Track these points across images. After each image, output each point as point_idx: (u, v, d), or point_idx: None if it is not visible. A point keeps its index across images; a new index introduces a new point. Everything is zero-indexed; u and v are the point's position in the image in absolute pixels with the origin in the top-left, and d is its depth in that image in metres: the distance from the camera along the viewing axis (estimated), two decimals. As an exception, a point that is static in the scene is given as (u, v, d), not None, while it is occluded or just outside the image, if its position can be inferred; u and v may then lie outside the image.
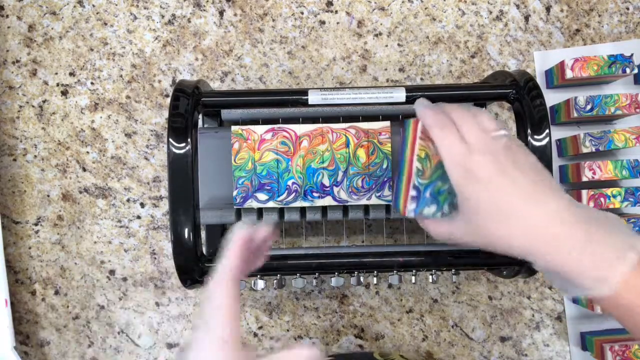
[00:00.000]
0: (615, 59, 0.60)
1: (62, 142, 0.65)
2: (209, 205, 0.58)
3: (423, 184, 0.44)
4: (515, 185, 0.39)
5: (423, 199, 0.44)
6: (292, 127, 0.53)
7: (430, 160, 0.44)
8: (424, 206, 0.44)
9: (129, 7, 0.66)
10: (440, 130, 0.42)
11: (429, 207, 0.44)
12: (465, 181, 0.40)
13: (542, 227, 0.38)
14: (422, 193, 0.44)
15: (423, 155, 0.44)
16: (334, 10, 0.66)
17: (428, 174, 0.44)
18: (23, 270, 0.65)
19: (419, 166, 0.44)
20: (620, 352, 0.60)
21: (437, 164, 0.44)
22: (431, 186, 0.44)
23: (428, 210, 0.44)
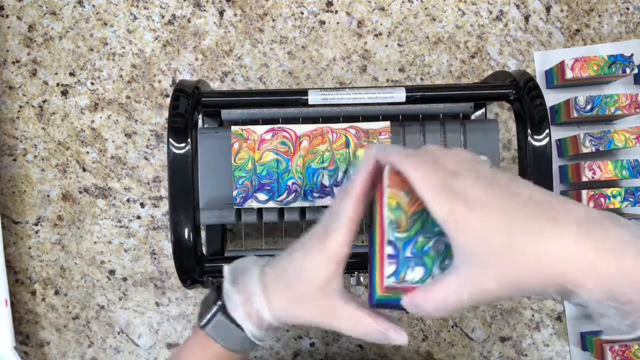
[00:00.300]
0: (615, 59, 0.60)
1: (62, 142, 0.65)
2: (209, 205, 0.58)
3: (400, 238, 0.35)
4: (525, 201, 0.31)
5: (403, 259, 0.35)
6: (292, 127, 0.53)
7: (405, 210, 0.35)
8: (405, 269, 0.35)
9: (129, 7, 0.66)
10: (411, 159, 0.34)
11: (412, 271, 0.35)
12: (455, 210, 0.31)
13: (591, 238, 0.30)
14: (401, 252, 0.35)
15: (394, 205, 0.35)
16: (334, 10, 0.66)
17: (405, 226, 0.35)
18: (23, 270, 0.65)
19: (392, 217, 0.35)
20: (620, 352, 0.60)
21: (413, 214, 0.35)
22: (411, 242, 0.35)
23: (412, 274, 0.35)
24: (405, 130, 0.59)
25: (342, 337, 0.66)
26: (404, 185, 0.35)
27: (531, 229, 0.30)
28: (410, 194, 0.36)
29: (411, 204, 0.36)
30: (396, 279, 0.35)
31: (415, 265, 0.35)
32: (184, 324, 0.65)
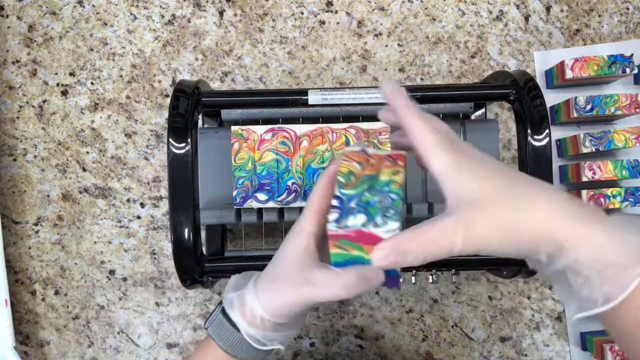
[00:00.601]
0: (615, 59, 0.60)
1: (62, 142, 0.65)
2: (209, 205, 0.58)
3: (347, 194, 0.38)
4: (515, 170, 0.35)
5: (347, 209, 0.37)
6: (292, 127, 0.53)
7: (356, 175, 0.38)
8: (347, 215, 0.37)
9: (129, 7, 0.66)
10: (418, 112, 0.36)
11: (355, 217, 0.37)
12: (460, 162, 0.34)
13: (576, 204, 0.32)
14: (345, 203, 0.37)
15: (346, 172, 0.39)
16: (334, 10, 0.66)
17: (353, 185, 0.38)
18: (23, 270, 0.65)
19: (342, 179, 0.38)
20: (620, 352, 0.60)
21: (363, 176, 0.38)
22: (357, 197, 0.37)
23: (354, 220, 0.37)
24: (405, 130, 0.59)
25: (342, 337, 0.66)
26: (357, 158, 0.39)
27: (528, 185, 0.33)
28: (363, 164, 0.39)
29: (362, 170, 0.39)
30: (337, 223, 0.36)
31: (358, 212, 0.37)
32: (184, 324, 0.65)
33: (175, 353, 0.65)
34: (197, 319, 0.65)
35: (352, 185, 0.38)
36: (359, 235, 0.36)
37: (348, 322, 0.66)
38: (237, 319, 0.41)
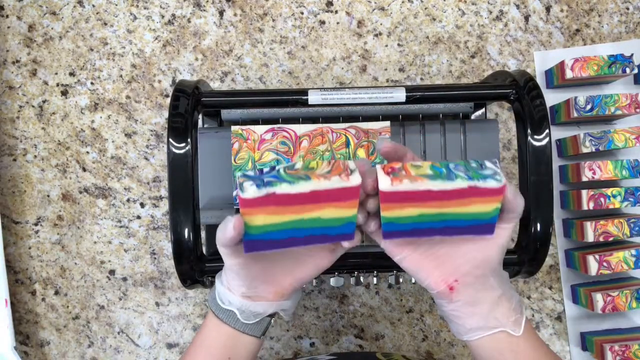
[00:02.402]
0: (615, 59, 0.60)
1: (62, 142, 0.65)
2: (209, 205, 0.58)
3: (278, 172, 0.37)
4: None
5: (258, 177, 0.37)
6: (292, 127, 0.53)
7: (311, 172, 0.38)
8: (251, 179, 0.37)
9: (129, 7, 0.66)
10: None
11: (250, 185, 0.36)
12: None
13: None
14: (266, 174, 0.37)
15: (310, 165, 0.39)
16: (334, 10, 0.66)
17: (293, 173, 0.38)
18: (23, 270, 0.65)
19: (298, 164, 0.39)
20: (620, 352, 0.60)
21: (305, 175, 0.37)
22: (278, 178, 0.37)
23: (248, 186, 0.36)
24: (405, 130, 0.59)
25: (342, 337, 0.66)
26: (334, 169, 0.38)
27: None
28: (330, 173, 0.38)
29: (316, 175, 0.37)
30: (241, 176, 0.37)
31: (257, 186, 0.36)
32: (184, 324, 0.65)
33: (175, 353, 0.65)
34: (197, 319, 0.65)
35: (294, 172, 0.37)
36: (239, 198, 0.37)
37: (348, 322, 0.66)
38: (219, 285, 0.44)
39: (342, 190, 0.37)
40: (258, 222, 0.37)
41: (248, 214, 0.37)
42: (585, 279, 0.65)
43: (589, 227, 0.59)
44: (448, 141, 0.59)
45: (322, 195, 0.37)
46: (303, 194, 0.37)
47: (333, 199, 0.38)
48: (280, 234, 0.39)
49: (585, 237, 0.60)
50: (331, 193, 0.37)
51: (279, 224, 0.38)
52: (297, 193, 0.36)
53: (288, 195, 0.36)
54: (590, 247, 0.63)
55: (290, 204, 0.37)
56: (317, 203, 0.37)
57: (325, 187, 0.37)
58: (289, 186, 0.36)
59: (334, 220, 0.39)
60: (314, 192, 0.37)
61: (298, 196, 0.37)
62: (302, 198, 0.37)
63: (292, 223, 0.38)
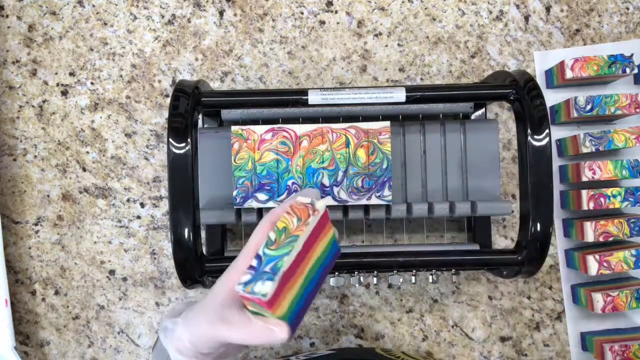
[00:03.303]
0: (615, 59, 0.60)
1: (62, 142, 0.65)
2: (209, 205, 0.58)
3: (268, 254, 0.37)
4: None
5: (260, 272, 0.37)
6: (292, 127, 0.53)
7: (287, 233, 0.38)
8: (257, 280, 0.36)
9: (129, 7, 0.66)
10: None
11: (263, 284, 0.36)
12: None
13: None
14: (262, 265, 0.37)
15: (281, 227, 0.39)
16: (334, 10, 0.66)
17: (278, 244, 0.38)
18: (23, 270, 0.65)
19: (272, 236, 0.38)
20: (620, 352, 0.60)
21: (290, 237, 0.38)
22: (274, 261, 0.37)
23: (261, 287, 0.36)
24: (405, 130, 0.59)
25: (342, 337, 0.66)
26: (300, 212, 0.39)
27: None
28: (301, 221, 0.39)
29: (295, 227, 0.39)
30: (244, 287, 0.36)
31: (267, 279, 0.36)
32: (184, 324, 0.65)
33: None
34: (197, 319, 0.65)
35: (278, 244, 0.38)
36: (261, 303, 0.36)
37: (348, 322, 0.66)
38: (167, 344, 0.42)
39: (318, 224, 0.40)
40: (286, 306, 0.38)
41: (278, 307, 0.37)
42: (585, 279, 0.65)
43: (589, 227, 0.59)
44: (448, 141, 0.59)
45: (309, 240, 0.39)
46: (300, 253, 0.38)
47: (317, 236, 0.40)
48: (303, 298, 0.40)
49: (585, 237, 0.60)
50: (314, 233, 0.40)
51: (298, 291, 0.39)
52: (297, 256, 0.38)
53: (292, 264, 0.38)
54: (590, 247, 0.63)
55: (297, 269, 0.38)
56: (310, 250, 0.39)
57: (309, 231, 0.39)
58: (289, 256, 0.37)
59: (325, 251, 0.41)
60: (305, 244, 0.38)
61: (298, 258, 0.38)
62: (301, 256, 0.38)
63: (305, 281, 0.40)
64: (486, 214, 0.56)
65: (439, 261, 0.55)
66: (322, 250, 0.41)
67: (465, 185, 0.59)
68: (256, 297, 0.36)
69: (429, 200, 0.58)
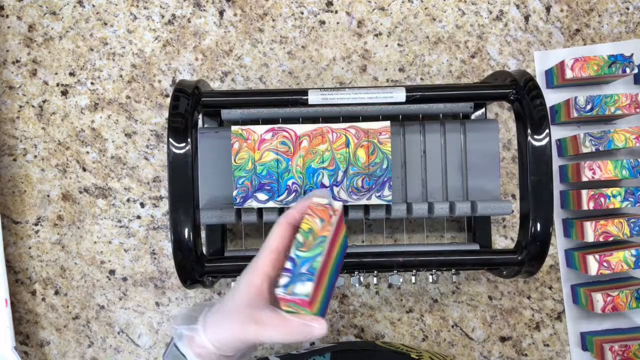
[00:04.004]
0: (615, 59, 0.60)
1: (62, 142, 0.65)
2: (209, 205, 0.58)
3: (301, 256, 0.38)
4: None
5: (298, 274, 0.37)
6: (292, 127, 0.53)
7: (314, 233, 0.39)
8: (296, 282, 0.37)
9: (129, 7, 0.66)
10: None
11: (303, 285, 0.37)
12: None
13: None
14: (297, 266, 0.38)
15: (307, 229, 0.39)
16: (334, 10, 0.66)
17: (309, 246, 0.39)
18: (23, 270, 0.65)
19: (300, 238, 0.39)
20: (620, 352, 0.60)
21: (320, 237, 0.39)
22: (309, 261, 0.38)
23: (302, 288, 0.37)
24: (405, 130, 0.59)
25: (342, 337, 0.66)
26: (321, 213, 0.40)
27: None
28: (324, 222, 0.40)
29: (322, 229, 0.40)
30: (285, 289, 0.37)
31: (306, 280, 0.37)
32: (184, 324, 0.65)
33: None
34: (197, 319, 0.65)
35: (308, 245, 0.39)
36: (304, 303, 0.37)
37: (348, 322, 0.66)
38: (186, 351, 0.42)
39: (338, 222, 0.41)
40: (319, 301, 0.39)
41: (315, 303, 0.38)
42: (585, 279, 0.65)
43: (589, 227, 0.59)
44: (448, 141, 0.59)
45: (333, 238, 0.40)
46: (328, 251, 0.39)
47: (336, 233, 0.41)
48: (328, 291, 0.41)
49: (585, 237, 0.60)
50: (336, 230, 0.41)
51: (326, 286, 0.40)
52: (327, 254, 0.39)
53: (324, 262, 0.39)
54: (590, 247, 0.63)
55: (326, 266, 0.39)
56: (333, 247, 0.41)
57: (333, 231, 0.40)
58: (321, 256, 0.38)
59: (341, 246, 0.43)
60: (330, 241, 0.40)
61: (327, 256, 0.39)
62: (329, 253, 0.40)
63: (330, 276, 0.41)
64: (486, 214, 0.56)
65: (439, 261, 0.55)
66: (339, 245, 0.43)
67: (465, 185, 0.59)
68: (298, 298, 0.37)
69: (429, 200, 0.58)
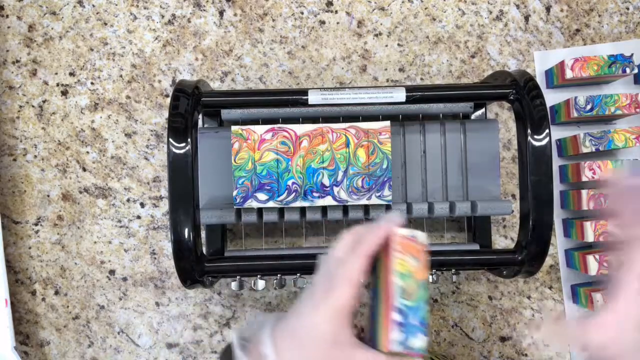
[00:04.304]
0: (615, 59, 0.60)
1: (62, 142, 0.65)
2: (209, 205, 0.58)
3: (408, 306, 0.36)
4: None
5: (410, 326, 0.36)
6: (292, 127, 0.53)
7: (414, 277, 0.37)
8: (411, 336, 0.36)
9: (129, 7, 0.66)
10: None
11: (416, 338, 0.36)
12: None
13: None
14: (408, 318, 0.36)
15: (404, 271, 0.37)
16: (334, 10, 0.66)
17: (413, 294, 0.36)
18: (23, 270, 0.65)
19: (401, 284, 0.36)
20: (620, 352, 0.60)
21: (420, 283, 0.37)
22: (418, 310, 0.36)
23: (416, 341, 0.36)
24: (405, 130, 0.59)
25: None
26: (412, 250, 0.37)
27: None
28: (418, 260, 0.37)
29: (419, 271, 0.37)
30: (404, 346, 0.35)
31: (419, 332, 0.36)
32: (184, 324, 0.65)
33: (175, 353, 0.65)
34: (197, 319, 0.65)
35: (411, 292, 0.36)
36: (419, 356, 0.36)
37: (348, 322, 0.66)
38: None
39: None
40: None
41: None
42: (585, 279, 0.65)
43: (589, 227, 0.59)
44: (448, 141, 0.59)
45: None
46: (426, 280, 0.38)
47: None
48: None
49: (585, 237, 0.60)
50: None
51: None
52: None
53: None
54: (590, 247, 0.63)
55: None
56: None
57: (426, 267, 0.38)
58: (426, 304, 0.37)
59: None
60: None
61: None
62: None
63: None
64: (486, 214, 0.56)
65: (439, 261, 0.55)
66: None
67: (465, 185, 0.59)
68: (415, 352, 0.35)
69: (429, 200, 0.58)
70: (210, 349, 0.65)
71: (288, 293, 0.66)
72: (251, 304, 0.65)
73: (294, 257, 0.55)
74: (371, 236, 0.39)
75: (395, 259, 0.37)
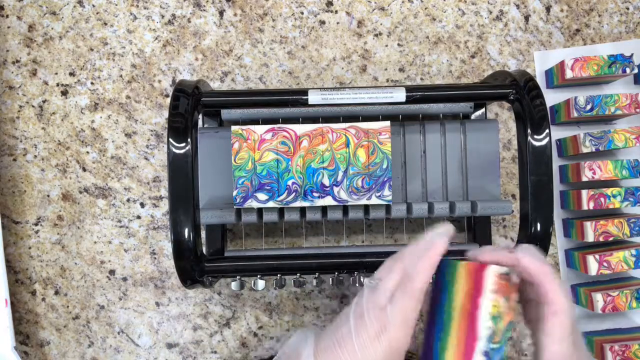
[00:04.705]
0: (615, 59, 0.60)
1: (62, 142, 0.65)
2: (209, 205, 0.58)
3: (494, 349, 0.36)
4: None
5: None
6: (292, 127, 0.53)
7: (502, 319, 0.36)
8: None
9: (129, 7, 0.66)
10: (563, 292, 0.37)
11: None
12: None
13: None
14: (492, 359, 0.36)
15: (495, 313, 0.36)
16: (334, 10, 0.66)
17: (499, 337, 0.36)
18: (23, 270, 0.65)
19: (491, 326, 0.36)
20: (620, 352, 0.60)
21: (507, 324, 0.36)
22: (500, 352, 0.36)
23: None
24: (405, 130, 0.59)
25: (342, 337, 0.66)
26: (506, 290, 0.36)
27: None
28: (508, 299, 0.36)
29: (510, 311, 0.36)
30: None
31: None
32: (184, 324, 0.65)
33: (176, 353, 0.65)
34: (197, 319, 0.65)
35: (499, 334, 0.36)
36: None
37: (348, 322, 0.66)
38: None
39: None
40: None
41: None
42: (585, 279, 0.65)
43: (589, 227, 0.59)
44: (448, 141, 0.59)
45: None
46: None
47: None
48: None
49: (585, 237, 0.60)
50: None
51: None
52: None
53: None
54: (590, 247, 0.63)
55: None
56: None
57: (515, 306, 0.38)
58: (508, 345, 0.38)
59: None
60: None
61: None
62: None
63: None
64: (486, 214, 0.56)
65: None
66: None
67: (465, 185, 0.59)
68: None
69: (429, 200, 0.58)
70: (210, 349, 0.65)
71: (288, 293, 0.66)
72: (251, 304, 0.65)
73: (294, 257, 0.55)
74: (423, 266, 0.37)
75: (488, 301, 0.36)
